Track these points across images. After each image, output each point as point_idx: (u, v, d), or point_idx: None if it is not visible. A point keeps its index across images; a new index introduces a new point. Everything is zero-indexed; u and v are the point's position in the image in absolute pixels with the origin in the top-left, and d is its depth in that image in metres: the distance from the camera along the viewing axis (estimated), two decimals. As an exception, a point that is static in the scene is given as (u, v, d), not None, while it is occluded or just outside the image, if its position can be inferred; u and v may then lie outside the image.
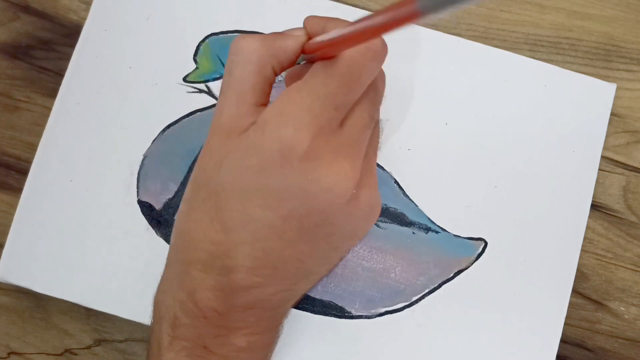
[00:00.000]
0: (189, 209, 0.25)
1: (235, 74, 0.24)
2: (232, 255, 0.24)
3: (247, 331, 0.25)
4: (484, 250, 0.31)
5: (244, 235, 0.23)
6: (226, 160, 0.24)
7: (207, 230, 0.24)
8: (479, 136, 0.32)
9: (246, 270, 0.24)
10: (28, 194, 0.31)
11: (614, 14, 0.33)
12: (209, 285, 0.24)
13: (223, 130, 0.24)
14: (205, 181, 0.24)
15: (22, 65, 0.33)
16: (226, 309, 0.24)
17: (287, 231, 0.24)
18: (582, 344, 0.31)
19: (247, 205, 0.23)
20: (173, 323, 0.25)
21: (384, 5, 0.33)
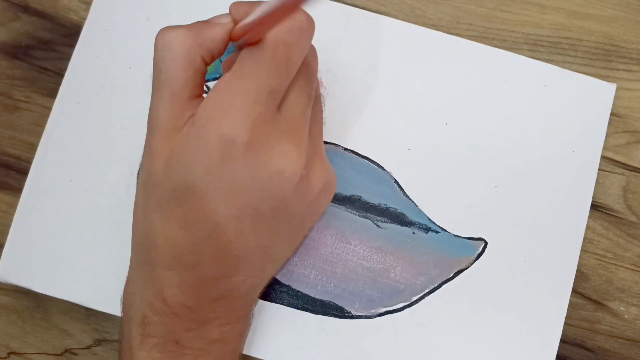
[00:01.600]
0: (145, 211, 0.25)
1: (165, 71, 0.24)
2: (194, 250, 0.24)
3: (219, 322, 0.25)
4: (484, 250, 0.31)
5: (202, 231, 0.24)
6: (172, 159, 0.24)
7: (166, 229, 0.24)
8: (479, 136, 0.32)
9: (210, 263, 0.24)
10: (28, 194, 0.31)
11: (613, 14, 0.33)
12: (175, 281, 0.24)
13: (162, 130, 0.24)
14: (156, 183, 0.24)
15: (22, 65, 0.33)
16: (195, 302, 0.24)
17: (245, 222, 0.24)
18: (582, 344, 0.31)
19: (200, 202, 0.23)
20: (142, 322, 0.25)
21: (383, 5, 0.33)
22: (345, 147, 0.32)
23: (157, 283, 0.24)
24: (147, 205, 0.25)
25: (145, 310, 0.25)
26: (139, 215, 0.25)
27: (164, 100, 0.24)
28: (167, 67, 0.24)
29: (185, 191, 0.23)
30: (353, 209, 0.31)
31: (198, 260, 0.24)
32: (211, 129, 0.23)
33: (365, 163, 0.31)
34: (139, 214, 0.25)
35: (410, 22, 0.33)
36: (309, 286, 0.30)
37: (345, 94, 0.32)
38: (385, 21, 0.32)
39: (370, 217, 0.31)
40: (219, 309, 0.25)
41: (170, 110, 0.24)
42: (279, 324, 0.30)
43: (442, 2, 0.33)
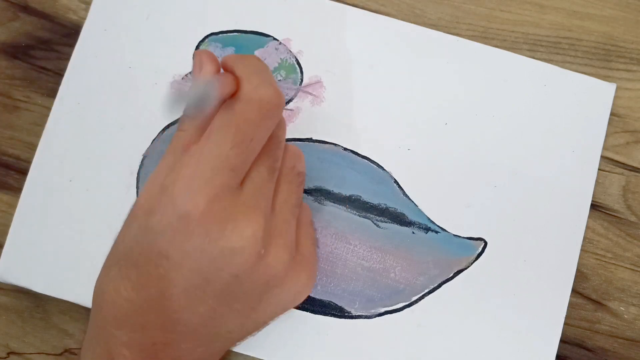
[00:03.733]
0: (106, 265, 0.25)
1: None
2: (143, 313, 0.24)
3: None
4: (484, 250, 0.31)
5: (153, 295, 0.24)
6: (132, 220, 0.24)
7: (118, 288, 0.24)
8: (479, 136, 0.32)
9: (158, 327, 0.24)
10: (28, 194, 0.31)
11: (613, 14, 0.33)
12: (124, 342, 0.24)
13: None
14: (119, 239, 0.25)
15: (22, 65, 0.33)
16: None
17: (196, 290, 0.24)
18: (582, 344, 0.31)
19: (152, 268, 0.23)
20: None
21: (383, 5, 0.33)
22: (345, 147, 0.32)
23: (107, 340, 0.24)
24: (109, 258, 0.25)
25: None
26: (103, 266, 0.26)
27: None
28: None
29: (139, 256, 0.24)
30: (353, 208, 0.31)
31: (145, 323, 0.24)
32: (169, 198, 0.23)
33: (365, 163, 0.31)
34: (104, 265, 0.26)
35: (409, 21, 0.33)
36: (309, 286, 0.30)
37: (345, 94, 0.32)
38: (384, 21, 0.32)
39: (370, 217, 0.31)
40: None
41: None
42: (279, 324, 0.30)
43: (442, 2, 0.33)
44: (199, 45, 0.32)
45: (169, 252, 0.23)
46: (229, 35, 0.32)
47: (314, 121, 0.32)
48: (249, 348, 0.30)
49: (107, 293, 0.24)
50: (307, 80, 0.32)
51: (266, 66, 0.25)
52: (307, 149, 0.31)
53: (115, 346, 0.24)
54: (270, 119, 0.24)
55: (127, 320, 0.24)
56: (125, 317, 0.24)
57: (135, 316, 0.24)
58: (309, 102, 0.32)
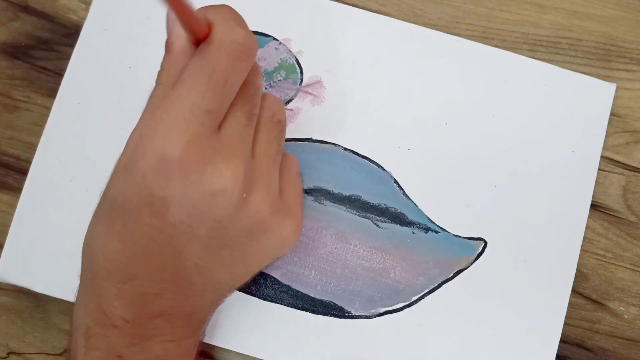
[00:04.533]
0: (93, 219, 0.25)
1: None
2: (130, 264, 0.24)
3: (162, 339, 0.25)
4: (484, 250, 0.31)
5: (138, 245, 0.24)
6: (114, 172, 0.24)
7: (106, 240, 0.24)
8: (479, 136, 0.32)
9: (147, 278, 0.24)
10: (27, 194, 0.31)
11: (613, 14, 0.33)
12: (113, 293, 0.24)
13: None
14: (104, 193, 0.25)
15: (22, 65, 0.33)
16: (134, 316, 0.24)
17: (180, 239, 0.24)
18: (582, 343, 0.31)
19: (136, 216, 0.23)
20: (86, 333, 0.25)
21: (383, 5, 0.33)
22: (345, 147, 0.32)
23: (97, 294, 0.24)
24: (96, 212, 0.25)
25: (88, 321, 0.25)
26: (90, 222, 0.26)
27: None
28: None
29: (123, 204, 0.23)
30: (353, 208, 0.31)
31: (135, 274, 0.24)
32: (146, 144, 0.23)
33: (365, 163, 0.31)
34: (90, 221, 0.26)
35: (410, 21, 0.33)
36: (309, 286, 0.30)
37: (345, 93, 0.32)
38: (384, 21, 0.32)
39: (370, 217, 0.31)
40: (160, 326, 0.25)
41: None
42: (279, 324, 0.30)
43: (442, 2, 0.33)
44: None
45: (151, 199, 0.23)
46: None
47: (314, 121, 0.32)
48: (249, 348, 0.30)
49: (94, 246, 0.24)
50: (307, 80, 0.32)
51: (238, 14, 0.25)
52: (307, 149, 0.31)
53: (105, 298, 0.24)
54: (243, 60, 0.24)
55: (115, 272, 0.24)
56: (114, 269, 0.24)
57: (123, 267, 0.24)
58: (309, 102, 0.32)
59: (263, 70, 0.32)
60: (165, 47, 0.25)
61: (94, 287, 0.25)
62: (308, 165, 0.31)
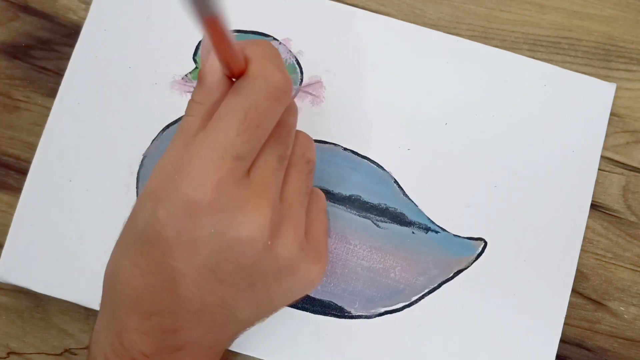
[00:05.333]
0: (116, 250, 0.25)
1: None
2: (152, 300, 0.24)
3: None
4: (484, 250, 0.31)
5: (161, 282, 0.24)
6: (144, 204, 0.24)
7: (129, 274, 0.24)
8: (479, 136, 0.32)
9: (168, 314, 0.24)
10: (27, 194, 0.31)
11: (613, 14, 0.33)
12: (134, 327, 0.24)
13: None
14: (129, 223, 0.25)
15: (22, 65, 0.33)
16: (153, 351, 0.24)
17: (203, 280, 0.24)
18: (582, 343, 0.31)
19: (162, 253, 0.23)
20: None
21: (383, 5, 0.33)
22: (345, 147, 0.32)
23: (117, 325, 0.24)
24: (120, 244, 0.25)
25: (107, 351, 0.25)
26: (113, 251, 0.25)
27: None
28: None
29: (149, 240, 0.23)
30: (353, 208, 0.31)
31: (155, 310, 0.24)
32: (178, 184, 0.23)
33: (364, 163, 0.31)
34: (114, 250, 0.25)
35: (410, 22, 0.33)
36: (309, 286, 0.30)
37: (345, 94, 0.32)
38: (385, 21, 0.32)
39: (370, 217, 0.31)
40: (181, 358, 0.25)
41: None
42: (279, 324, 0.30)
43: (441, 2, 0.33)
44: (199, 45, 0.32)
45: (176, 243, 0.23)
46: (229, 35, 0.32)
47: (314, 121, 0.32)
48: (249, 348, 0.30)
49: (117, 279, 0.24)
50: (307, 80, 0.32)
51: (277, 51, 0.25)
52: (307, 149, 0.31)
53: (125, 331, 0.24)
54: (278, 104, 0.24)
55: (136, 307, 0.24)
56: (135, 304, 0.24)
57: (144, 303, 0.24)
58: (309, 102, 0.32)
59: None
60: (198, 79, 0.25)
61: (115, 318, 0.24)
62: (308, 165, 0.31)
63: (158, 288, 0.24)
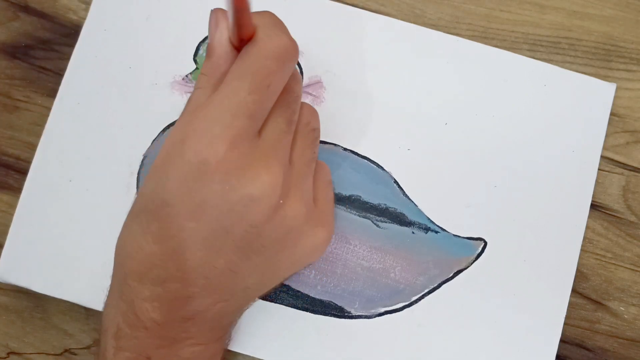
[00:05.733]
0: (128, 219, 0.25)
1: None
2: (164, 266, 0.24)
3: (191, 342, 0.25)
4: (484, 250, 0.31)
5: (173, 247, 0.24)
6: (151, 172, 0.24)
7: (140, 241, 0.24)
8: (479, 136, 0.32)
9: (179, 280, 0.24)
10: (27, 194, 0.31)
11: (613, 14, 0.33)
12: (146, 295, 0.24)
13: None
14: (140, 193, 0.25)
15: (22, 65, 0.33)
16: (165, 319, 0.24)
17: (215, 241, 0.24)
18: (582, 343, 0.31)
19: (172, 218, 0.23)
20: (116, 334, 0.25)
21: (383, 5, 0.33)
22: (345, 147, 0.32)
23: (130, 294, 0.24)
24: (131, 212, 0.25)
25: (119, 321, 0.25)
26: (125, 221, 0.26)
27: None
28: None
29: (160, 206, 0.24)
30: (353, 208, 0.31)
31: (167, 276, 0.24)
32: (187, 147, 0.23)
33: (364, 163, 0.31)
34: (126, 219, 0.26)
35: (410, 22, 0.33)
36: (309, 286, 0.30)
37: (345, 94, 0.32)
38: (385, 21, 0.32)
39: (370, 217, 0.31)
40: (190, 329, 0.25)
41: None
42: (279, 324, 0.30)
43: (441, 2, 0.33)
44: (199, 46, 0.32)
45: (187, 202, 0.23)
46: (229, 35, 0.32)
47: (314, 121, 0.32)
48: (250, 348, 0.30)
49: (129, 247, 0.25)
50: (307, 80, 0.32)
51: (280, 20, 0.25)
52: (307, 149, 0.31)
53: (137, 300, 0.24)
54: (286, 63, 0.24)
55: (149, 274, 0.24)
56: (147, 271, 0.24)
57: (156, 270, 0.24)
58: (309, 102, 0.32)
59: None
60: (207, 52, 0.25)
61: (126, 288, 0.25)
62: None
63: (170, 253, 0.24)
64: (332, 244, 0.31)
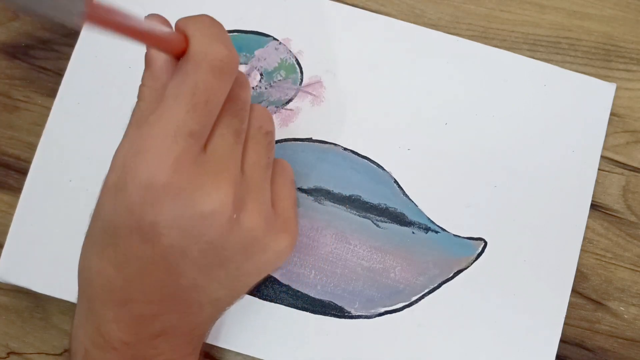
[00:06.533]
0: (86, 247, 0.25)
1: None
2: (125, 288, 0.24)
3: (163, 358, 0.25)
4: (484, 250, 0.31)
5: (132, 271, 0.24)
6: (104, 197, 0.24)
7: (99, 266, 0.24)
8: (479, 136, 0.32)
9: (142, 300, 0.24)
10: (27, 194, 0.31)
11: (613, 14, 0.33)
12: (111, 317, 0.24)
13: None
14: (94, 217, 0.25)
15: (22, 65, 0.33)
16: (133, 338, 0.24)
17: (173, 262, 0.24)
18: (582, 343, 0.31)
19: (127, 242, 0.23)
20: (85, 357, 0.25)
21: (383, 5, 0.33)
22: (345, 147, 0.32)
23: (95, 317, 0.24)
24: (87, 237, 0.25)
25: (87, 344, 0.25)
26: (82, 246, 0.25)
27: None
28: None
29: (114, 230, 0.23)
30: (353, 208, 0.31)
31: (131, 297, 0.24)
32: (132, 171, 0.22)
33: (364, 163, 0.31)
34: (83, 244, 0.25)
35: (410, 22, 0.33)
36: (309, 286, 0.30)
37: (344, 94, 0.32)
38: (385, 21, 0.32)
39: (370, 217, 0.31)
40: (160, 345, 0.25)
41: None
42: (278, 324, 0.30)
43: (441, 2, 0.33)
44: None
45: (141, 225, 0.23)
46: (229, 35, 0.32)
47: (314, 121, 0.32)
48: (250, 348, 0.30)
49: (89, 272, 0.24)
50: (307, 80, 0.32)
51: (219, 24, 0.24)
52: (307, 149, 0.31)
53: (103, 321, 0.24)
54: (224, 77, 0.23)
55: (111, 297, 0.24)
56: (110, 294, 0.24)
57: (119, 292, 0.24)
58: (309, 102, 0.32)
59: (263, 70, 0.32)
60: (145, 62, 0.24)
61: (92, 311, 0.24)
62: (308, 165, 0.31)
63: (130, 276, 0.24)
64: (332, 243, 0.31)
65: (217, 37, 0.24)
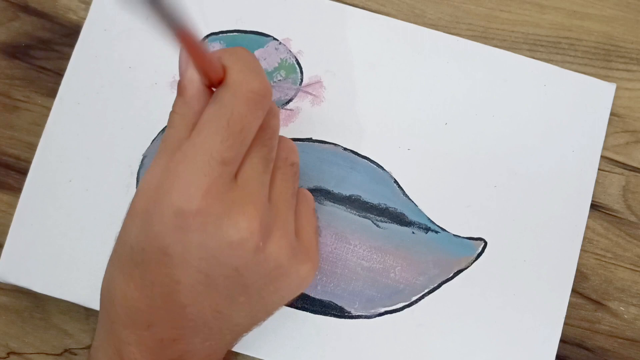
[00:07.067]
0: (110, 266, 0.25)
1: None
2: (149, 311, 0.24)
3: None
4: (484, 250, 0.31)
5: (157, 293, 0.24)
6: (132, 220, 0.24)
7: (124, 288, 0.24)
8: (479, 136, 0.32)
9: (165, 324, 0.24)
10: (27, 193, 0.31)
11: (613, 14, 0.33)
12: (132, 340, 0.24)
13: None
14: (120, 239, 0.25)
15: (22, 65, 0.33)
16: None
17: (198, 288, 0.24)
18: (582, 343, 0.31)
19: (155, 267, 0.24)
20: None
21: (383, 5, 0.33)
22: (345, 147, 0.32)
23: (116, 339, 0.25)
24: (112, 259, 0.25)
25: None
26: (107, 266, 0.26)
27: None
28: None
29: (141, 254, 0.24)
30: (353, 208, 0.31)
31: (153, 321, 0.24)
32: (163, 198, 0.23)
33: (364, 163, 0.31)
34: (108, 265, 0.26)
35: (409, 21, 0.33)
36: (309, 286, 0.30)
37: (345, 94, 0.32)
38: (384, 21, 0.32)
39: (370, 217, 0.31)
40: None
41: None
42: (279, 324, 0.30)
43: (441, 2, 0.33)
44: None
45: (169, 251, 0.23)
46: (229, 35, 0.32)
47: (314, 121, 0.32)
48: (249, 348, 0.30)
49: (113, 294, 0.25)
50: (307, 80, 0.32)
51: (254, 57, 0.25)
52: (307, 149, 0.32)
53: (124, 345, 0.24)
54: (258, 109, 0.24)
55: (134, 320, 0.24)
56: (132, 317, 0.24)
57: (141, 315, 0.24)
58: (309, 102, 0.32)
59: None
60: (178, 90, 0.25)
61: (113, 333, 0.25)
62: (308, 165, 0.31)
63: (154, 299, 0.24)
64: (332, 243, 0.31)
65: (254, 69, 0.24)
